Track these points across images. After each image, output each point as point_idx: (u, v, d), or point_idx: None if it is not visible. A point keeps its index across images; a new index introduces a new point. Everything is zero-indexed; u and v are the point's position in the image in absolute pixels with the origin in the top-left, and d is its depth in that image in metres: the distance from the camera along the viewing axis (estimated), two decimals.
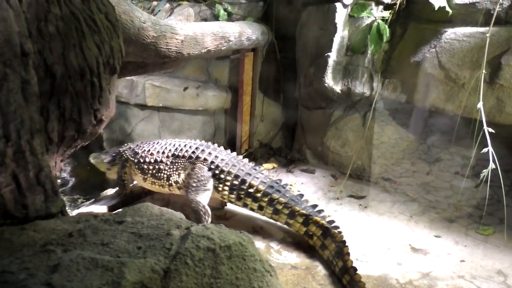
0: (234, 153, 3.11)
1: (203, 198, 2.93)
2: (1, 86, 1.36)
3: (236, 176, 2.92)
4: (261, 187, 2.88)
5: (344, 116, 4.16)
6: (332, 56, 3.93)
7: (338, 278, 2.63)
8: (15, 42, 1.40)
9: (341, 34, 3.90)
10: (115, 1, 2.39)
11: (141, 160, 3.08)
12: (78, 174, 4.69)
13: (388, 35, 3.68)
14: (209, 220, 2.86)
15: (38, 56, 1.53)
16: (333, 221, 2.79)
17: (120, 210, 1.65)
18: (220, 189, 2.96)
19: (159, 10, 4.48)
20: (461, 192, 3.45)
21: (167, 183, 3.05)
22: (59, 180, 3.31)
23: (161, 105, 4.68)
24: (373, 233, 3.19)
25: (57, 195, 1.60)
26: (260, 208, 2.92)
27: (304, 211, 2.81)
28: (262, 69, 4.67)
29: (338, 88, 4.01)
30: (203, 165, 2.97)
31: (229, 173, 2.93)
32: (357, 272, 2.51)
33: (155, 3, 4.61)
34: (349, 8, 3.87)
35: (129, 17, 2.62)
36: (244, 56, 4.43)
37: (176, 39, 3.10)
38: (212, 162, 2.97)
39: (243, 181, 2.90)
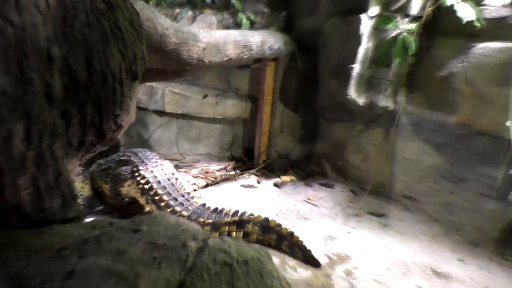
0: (167, 162, 3.27)
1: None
2: (27, 89, 1.37)
3: (147, 182, 3.07)
4: (165, 197, 2.99)
5: (365, 130, 4.07)
6: (356, 68, 3.87)
7: (276, 248, 2.89)
8: (42, 47, 1.41)
9: (365, 46, 3.84)
10: (139, 8, 2.41)
11: (100, 168, 3.31)
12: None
13: (413, 48, 3.58)
14: None
15: (63, 61, 1.54)
16: (237, 211, 2.95)
17: (136, 217, 1.63)
18: (135, 190, 3.13)
19: (182, 18, 4.52)
20: (486, 214, 3.31)
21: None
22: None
23: (179, 112, 4.69)
24: (393, 253, 3.08)
25: (74, 200, 1.59)
26: None
27: (210, 220, 2.90)
28: (283, 79, 4.62)
29: (360, 101, 3.93)
30: (131, 166, 3.16)
31: (143, 177, 3.09)
32: (294, 234, 2.82)
33: (178, 10, 4.66)
34: (374, 20, 3.82)
35: (152, 24, 2.63)
36: (266, 65, 4.41)
37: (198, 46, 3.10)
38: (136, 165, 3.15)
39: (151, 188, 3.05)
